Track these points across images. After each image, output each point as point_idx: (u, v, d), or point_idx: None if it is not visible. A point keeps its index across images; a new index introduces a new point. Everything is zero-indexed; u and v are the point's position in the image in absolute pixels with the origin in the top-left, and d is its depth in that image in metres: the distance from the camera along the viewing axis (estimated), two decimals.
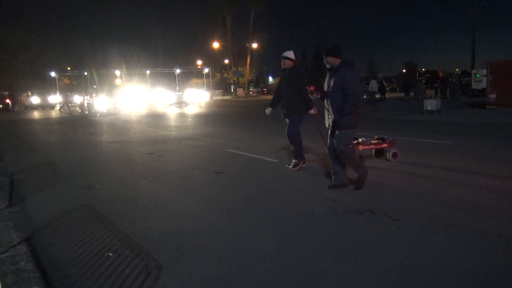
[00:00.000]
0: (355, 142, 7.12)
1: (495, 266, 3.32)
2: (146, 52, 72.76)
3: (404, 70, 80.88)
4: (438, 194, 5.47)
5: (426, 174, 6.72)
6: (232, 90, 69.30)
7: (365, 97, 34.26)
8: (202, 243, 4.06)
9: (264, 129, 15.03)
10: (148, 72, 62.35)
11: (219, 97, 60.39)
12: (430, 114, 18.87)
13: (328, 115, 5.89)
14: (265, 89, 76.11)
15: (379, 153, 8.02)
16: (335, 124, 5.69)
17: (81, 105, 34.13)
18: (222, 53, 69.73)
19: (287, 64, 7.32)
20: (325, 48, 5.73)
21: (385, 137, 7.94)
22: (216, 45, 65.83)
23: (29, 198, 6.07)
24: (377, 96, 32.64)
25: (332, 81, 5.68)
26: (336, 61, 5.67)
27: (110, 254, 3.79)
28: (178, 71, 63.78)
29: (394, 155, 7.73)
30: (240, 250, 3.85)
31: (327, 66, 5.78)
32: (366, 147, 7.63)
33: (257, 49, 68.63)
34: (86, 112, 30.15)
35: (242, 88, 67.07)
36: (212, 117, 23.27)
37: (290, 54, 7.25)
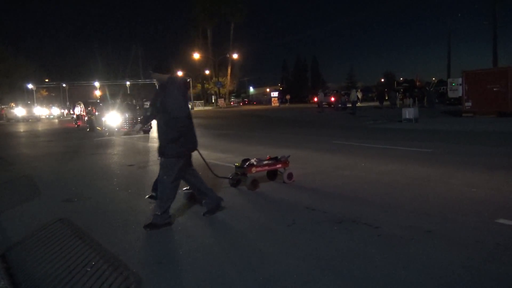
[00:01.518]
0: (246, 164, 6.61)
1: (473, 273, 3.36)
2: (126, 63, 72.14)
3: (382, 80, 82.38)
4: (418, 202, 5.54)
5: (406, 182, 6.80)
6: (213, 101, 69.26)
7: (340, 106, 34.91)
8: (183, 255, 4.01)
9: (251, 140, 15.02)
10: (128, 83, 61.87)
11: (200, 108, 60.26)
12: (408, 122, 19.20)
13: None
14: (246, 100, 76.31)
15: (273, 174, 7.23)
16: (159, 151, 4.90)
17: (81, 119, 26.16)
18: (203, 64, 69.77)
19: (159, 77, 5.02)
20: (152, 63, 4.91)
21: (279, 157, 7.12)
22: (196, 56, 65.85)
23: (4, 212, 5.91)
24: (358, 104, 33.10)
25: (158, 102, 4.89)
26: (164, 78, 4.91)
27: (88, 269, 3.71)
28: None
29: (290, 176, 7.04)
30: (221, 262, 3.82)
31: (156, 84, 5.13)
32: (259, 169, 6.70)
33: (238, 60, 68.94)
34: (103, 130, 19.21)
35: (223, 99, 67.13)
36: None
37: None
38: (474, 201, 5.47)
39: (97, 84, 60.37)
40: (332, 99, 39.68)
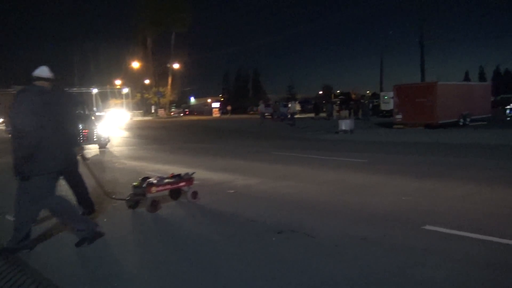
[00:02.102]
0: (146, 183, 5.99)
1: (407, 278, 3.55)
2: (60, 70, 68.95)
3: (321, 92, 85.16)
4: (354, 210, 5.76)
5: (343, 191, 7.05)
6: (153, 111, 67.85)
7: (278, 116, 35.82)
8: (121, 271, 3.88)
9: (190, 151, 14.86)
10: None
11: (139, 118, 58.79)
12: (345, 133, 19.96)
13: None
14: (187, 110, 75.62)
15: (176, 193, 6.67)
16: (13, 170, 4.29)
17: None
18: (143, 73, 68.25)
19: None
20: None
21: (182, 174, 6.61)
22: (136, 65, 64.33)
23: None
24: (297, 116, 33.93)
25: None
26: (46, 85, 4.51)
27: None
28: (95, 91, 61.23)
29: (194, 195, 6.57)
30: (161, 276, 3.73)
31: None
32: (160, 188, 6.09)
33: (179, 70, 68.17)
34: None
35: (163, 109, 65.97)
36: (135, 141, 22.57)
37: (43, 72, 4.54)
38: (405, 208, 5.78)
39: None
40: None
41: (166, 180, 6.30)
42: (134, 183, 6.16)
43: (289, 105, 33.95)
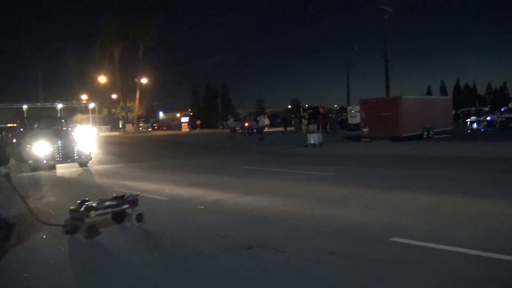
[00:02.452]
0: (84, 207, 5.49)
1: None
2: (22, 84, 67.06)
3: (290, 106, 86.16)
4: (323, 224, 5.79)
5: (312, 205, 7.08)
6: (120, 126, 66.67)
7: (247, 131, 36.02)
8: None
9: (160, 167, 14.64)
10: (25, 106, 57.24)
11: (107, 133, 57.61)
12: (313, 147, 20.18)
13: None
14: (156, 125, 74.73)
15: (120, 216, 6.12)
16: None
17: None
18: (110, 88, 67.12)
19: None
20: None
21: (126, 196, 6.12)
22: (102, 79, 63.24)
23: None
24: (266, 130, 34.16)
25: None
26: None
27: None
28: (60, 105, 59.68)
29: (139, 218, 6.03)
30: None
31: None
32: (100, 212, 5.62)
33: (147, 84, 67.45)
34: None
35: (131, 124, 64.93)
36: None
37: None
38: (372, 221, 5.86)
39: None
40: (246, 124, 40.77)
41: (108, 203, 5.81)
42: (71, 207, 5.62)
43: (258, 119, 34.17)
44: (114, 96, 68.42)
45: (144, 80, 65.18)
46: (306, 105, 75.69)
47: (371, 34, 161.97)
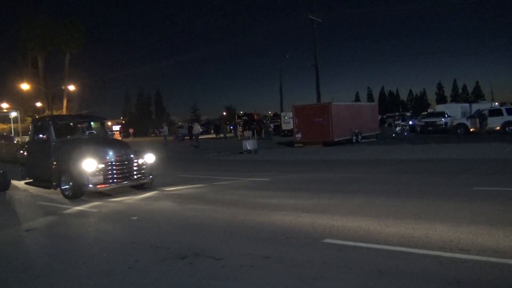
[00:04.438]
0: None
1: None
2: None
3: (224, 113, 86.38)
4: (257, 229, 5.87)
5: (247, 211, 7.14)
6: None
7: (179, 137, 35.83)
8: None
9: None
10: None
11: None
12: (248, 153, 20.38)
13: None
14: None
15: None
16: None
17: None
18: (34, 95, 63.21)
19: None
20: None
21: None
22: (26, 86, 59.44)
23: None
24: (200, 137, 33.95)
25: None
26: None
27: None
28: None
29: None
30: None
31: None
32: None
33: (75, 92, 64.39)
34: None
35: None
36: None
37: None
38: (305, 224, 6.03)
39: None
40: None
41: None
42: None
43: (192, 126, 33.99)
44: (39, 104, 64.56)
45: (71, 88, 62.17)
46: (241, 112, 76.32)
47: (303, 42, 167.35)
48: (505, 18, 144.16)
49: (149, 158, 10.19)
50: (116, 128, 62.33)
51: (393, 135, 29.94)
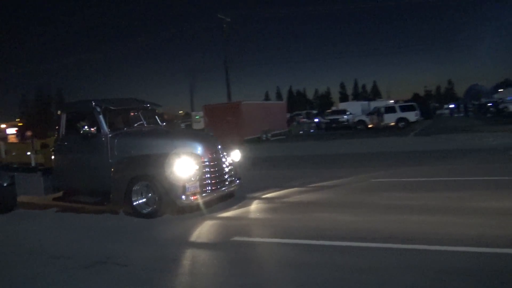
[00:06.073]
0: None
1: None
2: None
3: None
4: (168, 232, 5.79)
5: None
6: None
7: None
8: None
9: None
10: None
11: None
12: None
13: None
14: None
15: None
16: None
17: None
18: None
19: None
20: None
21: None
22: None
23: None
24: None
25: None
26: None
27: None
28: None
29: None
30: None
31: None
32: None
33: None
34: None
35: None
36: None
37: None
38: (214, 224, 6.06)
39: None
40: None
41: None
42: None
43: None
44: None
45: None
46: None
47: (213, 42, 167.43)
48: (399, 23, 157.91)
49: (236, 155, 7.78)
50: (12, 131, 57.10)
51: (301, 132, 31.27)
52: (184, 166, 6.18)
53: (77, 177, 7.34)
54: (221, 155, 7.13)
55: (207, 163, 6.70)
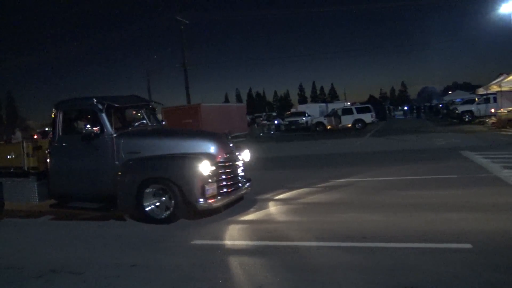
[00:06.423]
0: None
1: None
2: None
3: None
4: (124, 238, 5.63)
5: (116, 219, 6.73)
6: None
7: None
8: None
9: None
10: None
11: None
12: None
13: None
14: None
15: None
16: None
17: None
18: None
19: None
20: None
21: None
22: None
23: None
24: None
25: None
26: None
27: None
28: None
29: None
30: None
31: None
32: None
33: None
34: None
35: None
36: None
37: None
38: (173, 228, 5.92)
39: None
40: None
41: None
42: None
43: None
44: None
45: None
46: None
47: (171, 43, 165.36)
48: (355, 27, 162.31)
49: (246, 155, 7.27)
50: None
51: (261, 134, 31.42)
52: (203, 166, 5.84)
53: (77, 181, 6.67)
54: (235, 155, 6.81)
55: (223, 163, 6.36)
